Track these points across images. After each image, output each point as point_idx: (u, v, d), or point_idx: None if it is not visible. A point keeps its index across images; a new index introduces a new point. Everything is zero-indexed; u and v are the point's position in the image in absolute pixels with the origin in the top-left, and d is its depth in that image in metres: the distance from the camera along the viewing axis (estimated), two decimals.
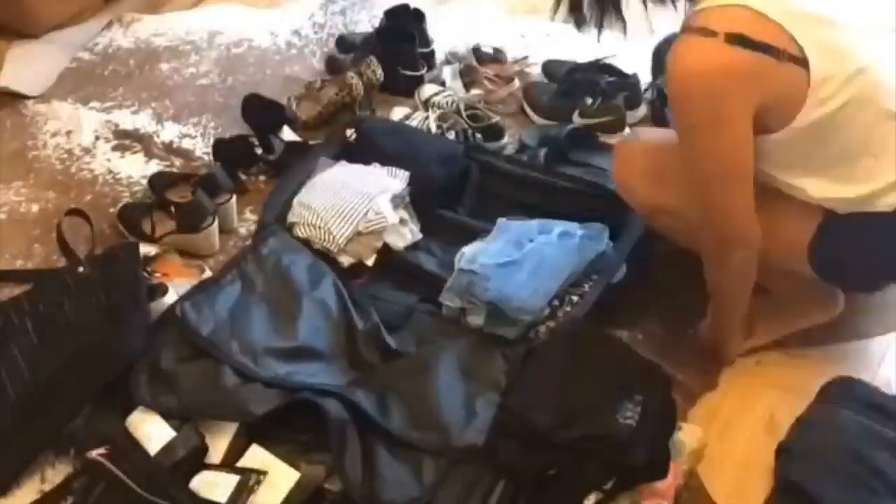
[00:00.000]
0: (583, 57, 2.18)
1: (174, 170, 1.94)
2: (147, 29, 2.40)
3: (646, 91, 2.14)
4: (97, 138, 2.02)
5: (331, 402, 1.31)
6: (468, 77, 2.21)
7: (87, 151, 1.99)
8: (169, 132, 2.05)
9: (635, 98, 2.10)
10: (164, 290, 1.50)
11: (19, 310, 1.46)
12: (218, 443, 1.31)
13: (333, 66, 2.26)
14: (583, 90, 2.06)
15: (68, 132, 2.03)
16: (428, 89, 2.14)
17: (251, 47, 2.37)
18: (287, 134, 1.98)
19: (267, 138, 1.94)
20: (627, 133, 2.03)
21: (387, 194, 1.70)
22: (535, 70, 2.27)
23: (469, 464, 1.29)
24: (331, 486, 1.29)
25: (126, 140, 2.02)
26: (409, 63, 2.19)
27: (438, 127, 1.99)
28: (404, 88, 2.19)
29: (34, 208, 1.83)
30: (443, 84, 2.21)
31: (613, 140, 2.03)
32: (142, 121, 2.08)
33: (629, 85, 2.10)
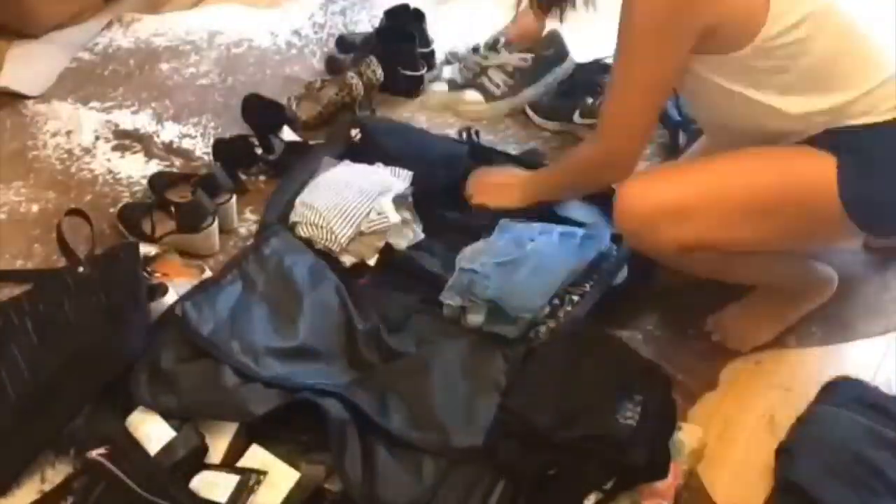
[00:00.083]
0: (583, 57, 2.18)
1: (174, 170, 1.93)
2: (147, 29, 2.40)
3: None
4: (97, 138, 2.02)
5: (331, 402, 1.32)
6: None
7: (87, 151, 1.98)
8: (169, 132, 2.05)
9: None
10: (164, 290, 1.50)
11: (19, 310, 1.46)
12: (218, 443, 1.31)
13: (333, 66, 2.26)
14: (583, 90, 2.06)
15: (68, 132, 2.03)
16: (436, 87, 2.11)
17: (251, 47, 2.37)
18: (287, 134, 1.98)
19: (267, 138, 1.94)
20: None
21: (389, 194, 1.70)
22: None
23: (469, 464, 1.29)
24: (331, 486, 1.29)
25: (126, 140, 2.02)
26: (409, 63, 2.19)
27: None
28: (404, 88, 2.19)
29: (34, 208, 1.83)
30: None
31: None
32: (142, 121, 2.08)
33: None
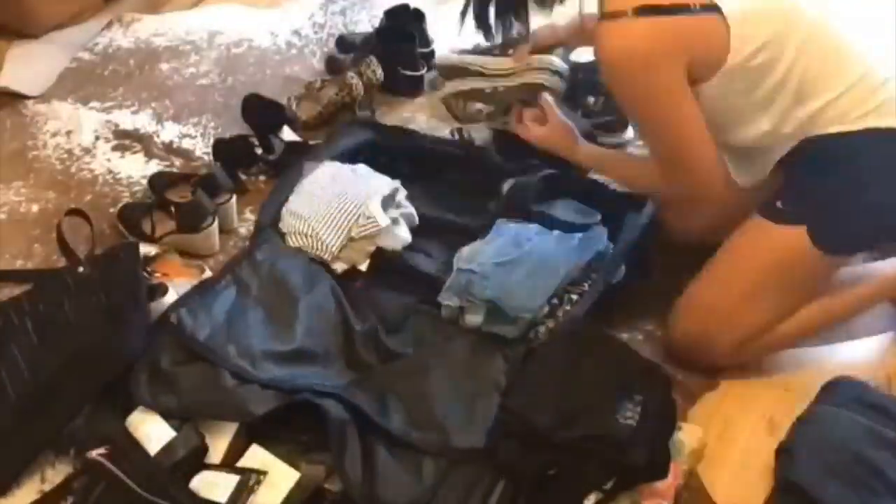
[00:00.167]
0: (583, 56, 2.18)
1: (174, 170, 1.93)
2: (147, 29, 2.40)
3: None
4: (97, 138, 2.02)
5: (330, 403, 1.31)
6: None
7: (87, 151, 1.98)
8: (169, 132, 2.05)
9: None
10: (164, 290, 1.50)
11: (19, 310, 1.46)
12: (218, 443, 1.31)
13: (333, 66, 2.26)
14: (584, 89, 2.06)
15: (68, 132, 2.03)
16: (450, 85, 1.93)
17: (251, 47, 2.37)
18: (287, 134, 1.98)
19: (267, 138, 1.94)
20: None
21: (377, 196, 1.67)
22: None
23: (469, 464, 1.29)
24: (331, 486, 1.29)
25: (126, 140, 2.02)
26: (409, 63, 2.19)
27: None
28: (404, 88, 2.19)
29: (34, 208, 1.83)
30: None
31: (614, 140, 2.03)
32: (142, 121, 2.08)
33: None
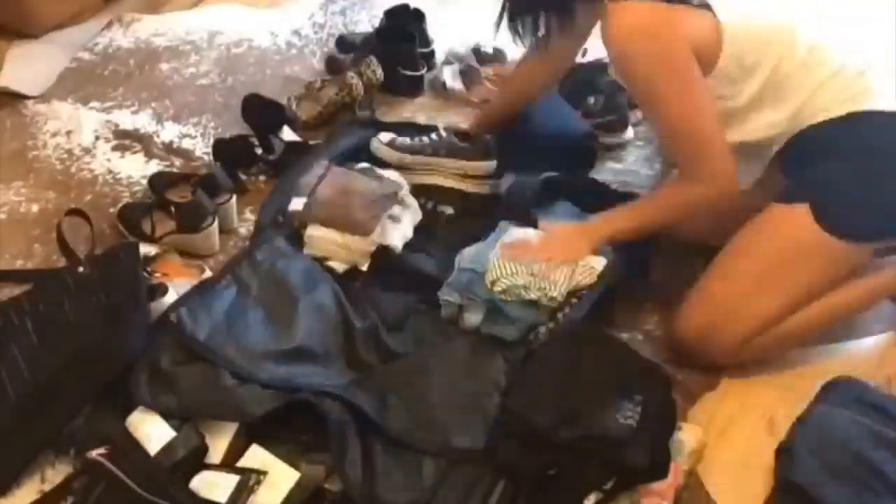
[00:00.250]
0: (583, 57, 2.18)
1: (174, 170, 1.93)
2: (147, 29, 2.40)
3: None
4: (97, 138, 2.02)
5: (330, 403, 1.31)
6: (468, 77, 2.21)
7: (87, 151, 1.98)
8: (169, 132, 2.05)
9: None
10: (164, 290, 1.50)
11: (19, 310, 1.46)
12: (218, 443, 1.31)
13: (333, 66, 2.26)
14: (584, 90, 2.06)
15: (68, 132, 2.03)
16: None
17: (251, 47, 2.37)
18: (287, 134, 1.98)
19: (267, 138, 1.94)
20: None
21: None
22: None
23: (469, 464, 1.29)
24: (331, 486, 1.29)
25: (126, 140, 2.02)
26: (409, 63, 2.19)
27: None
28: (404, 88, 2.20)
29: (34, 208, 1.83)
30: (443, 85, 2.21)
31: (615, 140, 2.03)
32: (142, 121, 2.08)
33: None
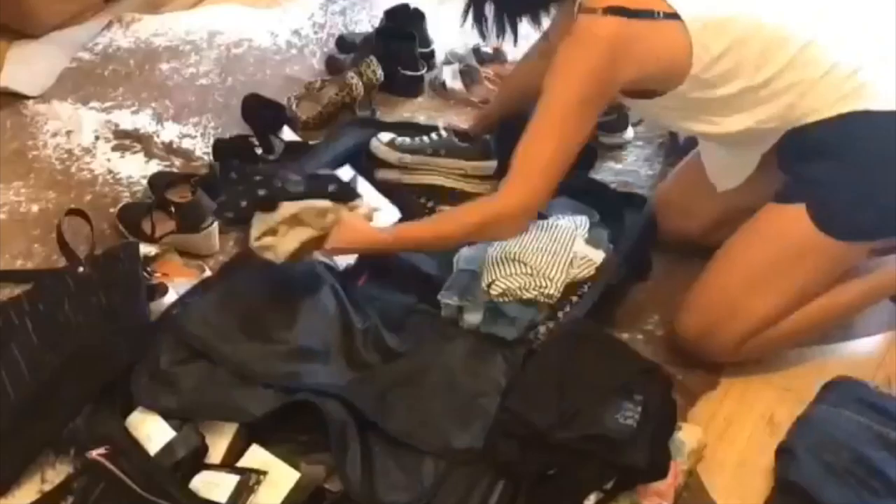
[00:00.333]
0: None
1: (174, 170, 1.93)
2: (147, 29, 2.40)
3: None
4: (97, 138, 2.02)
5: (331, 403, 1.31)
6: (468, 77, 2.21)
7: (87, 151, 1.98)
8: (169, 132, 2.05)
9: None
10: (164, 290, 1.50)
11: (19, 310, 1.46)
12: (218, 443, 1.31)
13: (333, 66, 2.26)
14: None
15: (68, 132, 2.03)
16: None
17: (251, 47, 2.37)
18: (287, 134, 1.98)
19: (267, 138, 1.94)
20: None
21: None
22: None
23: (469, 464, 1.29)
24: (331, 486, 1.29)
25: (126, 140, 2.02)
26: (409, 63, 2.19)
27: None
28: (404, 88, 2.20)
29: (34, 208, 1.83)
30: (443, 85, 2.21)
31: (615, 140, 2.03)
32: (142, 121, 2.08)
33: None
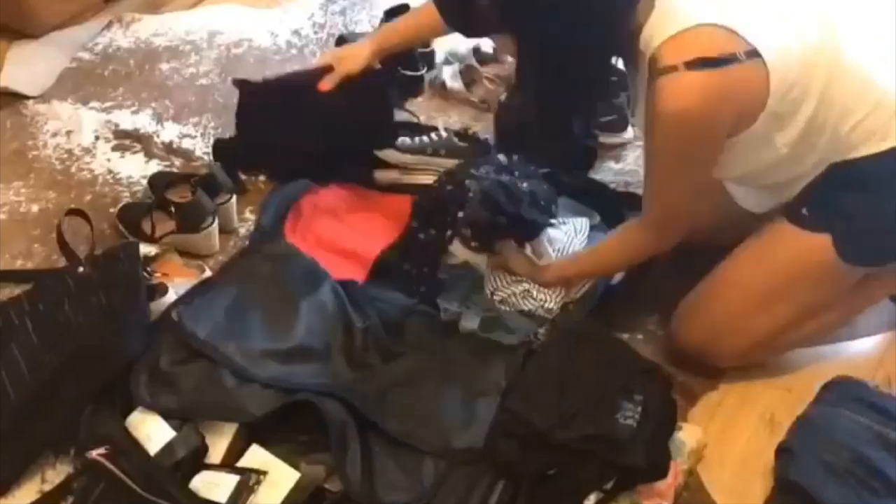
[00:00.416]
0: None
1: (174, 170, 1.93)
2: (147, 29, 2.40)
3: None
4: (97, 138, 2.02)
5: (331, 403, 1.32)
6: (468, 77, 2.21)
7: (87, 151, 1.98)
8: (169, 132, 2.05)
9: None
10: (164, 290, 1.50)
11: (19, 310, 1.46)
12: (218, 443, 1.31)
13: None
14: None
15: (68, 132, 2.03)
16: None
17: (251, 47, 2.37)
18: None
19: None
20: None
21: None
22: None
23: (469, 464, 1.30)
24: (331, 486, 1.29)
25: (126, 140, 2.02)
26: (409, 63, 2.18)
27: None
28: (404, 88, 2.19)
29: (34, 208, 1.83)
30: (443, 85, 2.21)
31: (615, 140, 2.03)
32: (142, 121, 2.08)
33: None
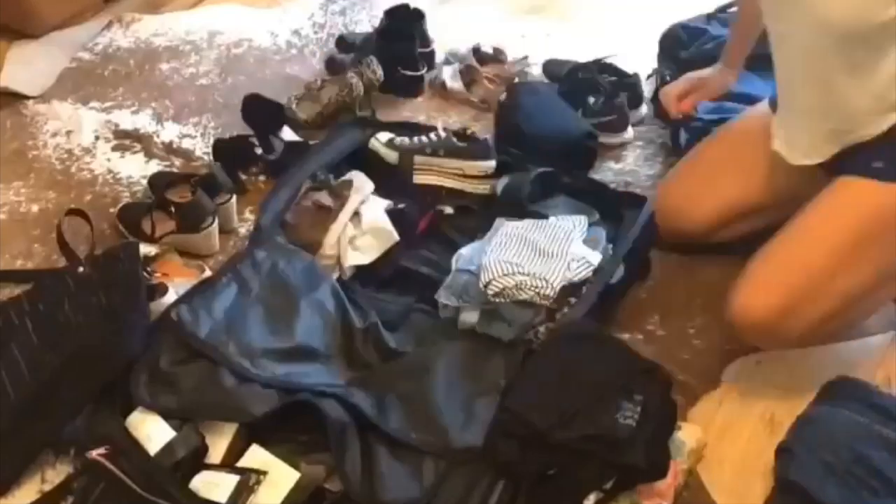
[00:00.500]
0: (583, 57, 2.18)
1: (174, 170, 1.94)
2: (147, 29, 2.41)
3: (649, 77, 2.16)
4: (97, 138, 2.03)
5: (330, 403, 1.31)
6: (468, 77, 2.21)
7: (87, 151, 1.99)
8: (169, 132, 2.05)
9: (636, 97, 2.10)
10: (164, 290, 1.50)
11: (19, 310, 1.46)
12: (218, 443, 1.31)
13: (333, 66, 2.26)
14: (584, 89, 2.06)
15: (68, 132, 2.04)
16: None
17: (251, 47, 2.37)
18: (287, 134, 1.98)
19: (267, 138, 1.94)
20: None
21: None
22: (536, 70, 2.27)
23: (469, 464, 1.29)
24: (331, 486, 1.29)
25: (126, 140, 2.03)
26: (409, 63, 2.19)
27: None
28: (404, 88, 2.20)
29: (34, 208, 1.83)
30: (443, 85, 2.21)
31: (615, 140, 2.03)
32: (142, 121, 2.08)
33: (630, 84, 2.10)
